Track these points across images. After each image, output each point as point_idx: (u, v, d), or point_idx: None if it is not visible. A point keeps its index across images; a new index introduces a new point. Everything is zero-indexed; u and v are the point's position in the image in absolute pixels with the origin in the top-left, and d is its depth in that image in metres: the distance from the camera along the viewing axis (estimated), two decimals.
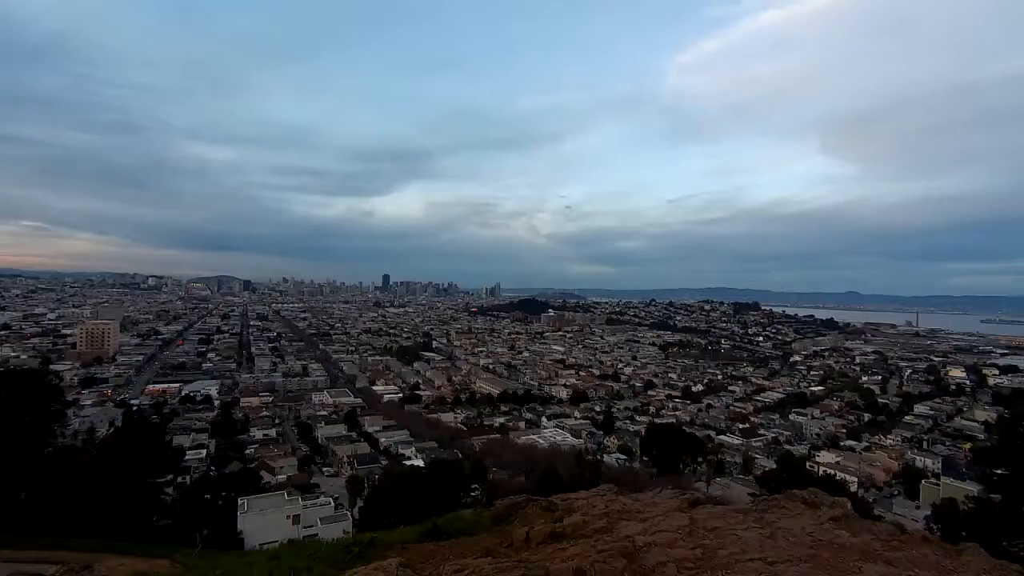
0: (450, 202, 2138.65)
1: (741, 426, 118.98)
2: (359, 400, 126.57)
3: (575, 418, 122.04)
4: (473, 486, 44.04)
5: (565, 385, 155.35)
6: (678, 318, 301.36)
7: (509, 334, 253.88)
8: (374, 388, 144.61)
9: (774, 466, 64.10)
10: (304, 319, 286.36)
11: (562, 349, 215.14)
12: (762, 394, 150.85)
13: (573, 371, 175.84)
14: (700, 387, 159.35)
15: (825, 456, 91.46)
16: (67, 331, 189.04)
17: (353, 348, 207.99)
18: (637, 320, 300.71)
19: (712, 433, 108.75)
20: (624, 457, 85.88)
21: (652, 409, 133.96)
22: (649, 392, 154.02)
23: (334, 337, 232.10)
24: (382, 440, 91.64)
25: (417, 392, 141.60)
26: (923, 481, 74.17)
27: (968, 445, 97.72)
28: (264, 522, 35.06)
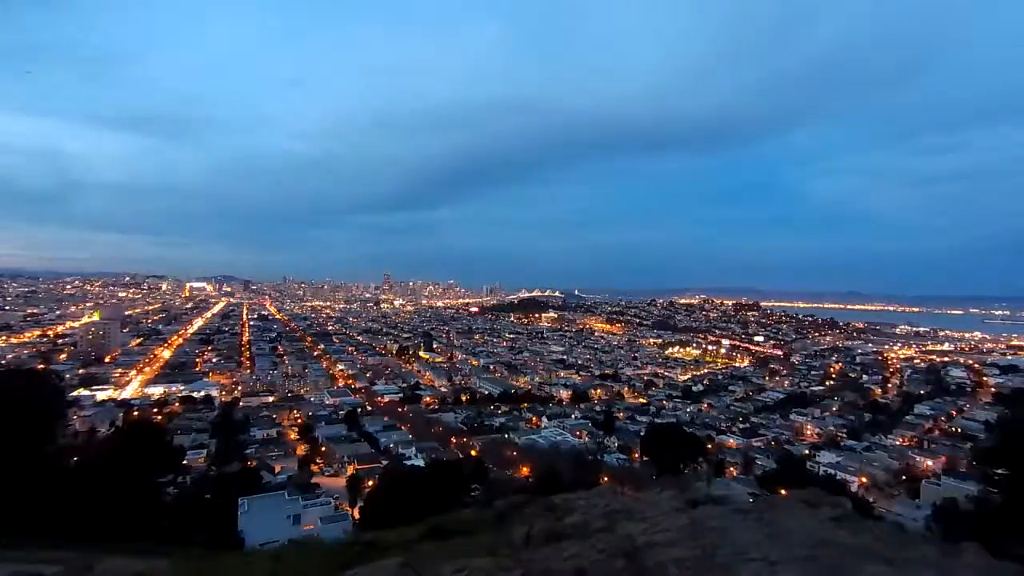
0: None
1: (741, 426, 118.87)
2: (359, 400, 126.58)
3: (575, 418, 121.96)
4: (473, 486, 43.96)
5: (565, 385, 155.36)
6: (678, 318, 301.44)
7: (509, 334, 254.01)
8: (374, 388, 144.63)
9: (774, 466, 64.25)
10: (304, 319, 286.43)
11: (562, 349, 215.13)
12: (762, 394, 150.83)
13: (573, 371, 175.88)
14: (700, 387, 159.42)
15: (825, 456, 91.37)
16: (67, 331, 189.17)
17: (353, 348, 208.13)
18: (637, 320, 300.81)
19: (712, 433, 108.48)
20: (624, 457, 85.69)
21: (652, 409, 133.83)
22: (649, 392, 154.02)
23: (334, 337, 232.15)
24: (382, 440, 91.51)
25: (417, 392, 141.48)
26: (923, 481, 74.12)
27: (968, 445, 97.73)
28: (264, 522, 35.15)
